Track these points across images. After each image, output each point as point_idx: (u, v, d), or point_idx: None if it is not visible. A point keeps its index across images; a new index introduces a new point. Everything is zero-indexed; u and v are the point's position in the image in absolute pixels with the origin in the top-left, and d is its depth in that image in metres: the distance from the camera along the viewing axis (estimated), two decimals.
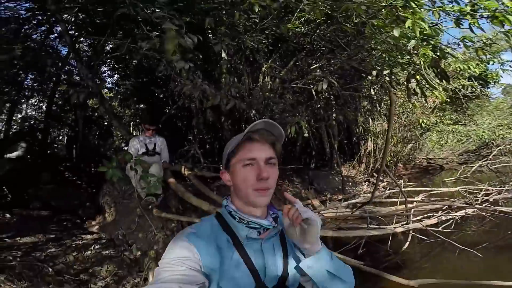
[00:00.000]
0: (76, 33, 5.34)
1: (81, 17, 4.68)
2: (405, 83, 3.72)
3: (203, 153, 4.67)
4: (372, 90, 4.28)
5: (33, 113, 7.75)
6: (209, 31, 4.61)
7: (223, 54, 4.26)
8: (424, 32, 2.90)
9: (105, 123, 7.53)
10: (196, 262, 0.69)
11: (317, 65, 4.25)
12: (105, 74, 7.14)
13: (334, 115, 4.89)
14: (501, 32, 2.44)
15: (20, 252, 2.59)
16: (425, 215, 3.79)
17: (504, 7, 2.21)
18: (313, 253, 0.76)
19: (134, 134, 4.37)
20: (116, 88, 7.41)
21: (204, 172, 4.04)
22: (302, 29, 3.76)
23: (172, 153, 4.42)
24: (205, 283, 0.67)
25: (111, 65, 7.01)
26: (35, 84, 6.43)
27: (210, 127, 6.20)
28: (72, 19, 4.42)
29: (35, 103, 7.56)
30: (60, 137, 8.17)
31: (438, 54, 3.04)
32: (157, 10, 2.50)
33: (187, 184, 3.78)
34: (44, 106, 7.08)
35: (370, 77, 4.07)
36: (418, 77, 3.53)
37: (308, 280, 0.80)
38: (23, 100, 6.86)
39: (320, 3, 2.93)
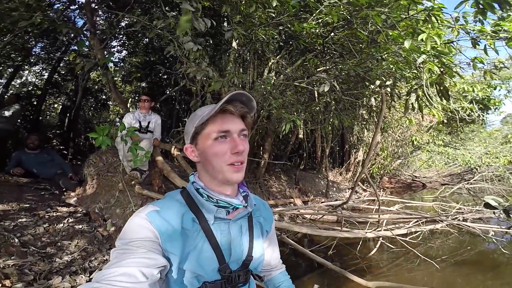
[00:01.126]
0: (96, 6, 5.09)
1: None
2: (406, 96, 3.54)
3: None
4: (373, 100, 4.04)
5: (34, 79, 7.39)
6: (224, 19, 4.35)
7: (234, 43, 4.01)
8: (437, 48, 2.71)
9: (103, 96, 7.17)
10: (157, 243, 0.61)
11: (324, 68, 4.01)
12: (114, 49, 6.83)
13: (331, 120, 4.66)
14: None
15: None
16: (397, 225, 3.70)
17: None
18: None
19: (131, 110, 4.07)
20: (122, 64, 7.07)
21: None
22: (317, 30, 3.53)
23: (165, 132, 4.15)
24: (166, 266, 0.61)
25: (122, 41, 6.75)
26: (43, 52, 6.16)
27: None
28: None
29: (38, 70, 7.20)
30: (55, 105, 7.78)
31: (442, 70, 2.86)
32: None
33: (174, 165, 3.50)
34: (46, 74, 6.76)
35: (373, 86, 3.85)
36: (419, 92, 3.34)
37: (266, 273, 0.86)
38: (26, 66, 6.49)
39: (341, 6, 2.71)
